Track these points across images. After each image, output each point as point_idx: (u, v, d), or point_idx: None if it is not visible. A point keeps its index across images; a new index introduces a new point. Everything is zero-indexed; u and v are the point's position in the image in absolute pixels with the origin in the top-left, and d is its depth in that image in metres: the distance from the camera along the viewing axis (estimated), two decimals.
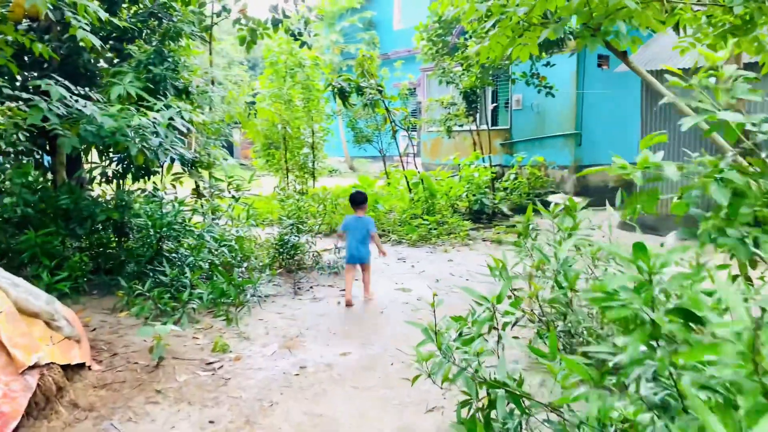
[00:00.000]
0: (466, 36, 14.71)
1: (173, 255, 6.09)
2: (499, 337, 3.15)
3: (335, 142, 21.68)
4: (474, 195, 11.76)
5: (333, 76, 11.07)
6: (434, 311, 2.79)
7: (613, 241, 4.62)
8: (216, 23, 9.57)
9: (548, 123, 14.78)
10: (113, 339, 4.98)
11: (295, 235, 7.63)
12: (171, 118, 6.20)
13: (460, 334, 3.23)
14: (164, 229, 5.98)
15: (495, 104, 15.71)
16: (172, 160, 7.27)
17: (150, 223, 5.90)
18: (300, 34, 9.42)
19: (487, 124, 14.50)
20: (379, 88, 11.01)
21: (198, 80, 8.48)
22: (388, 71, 17.49)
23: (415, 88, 22.44)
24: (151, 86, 6.95)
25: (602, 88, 14.45)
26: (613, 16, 5.20)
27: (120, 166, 7.07)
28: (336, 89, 10.82)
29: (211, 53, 9.07)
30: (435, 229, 10.24)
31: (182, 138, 6.36)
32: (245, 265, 6.62)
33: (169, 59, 7.10)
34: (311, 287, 6.94)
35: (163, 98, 6.49)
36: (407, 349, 4.79)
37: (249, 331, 5.28)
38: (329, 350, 4.86)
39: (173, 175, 7.30)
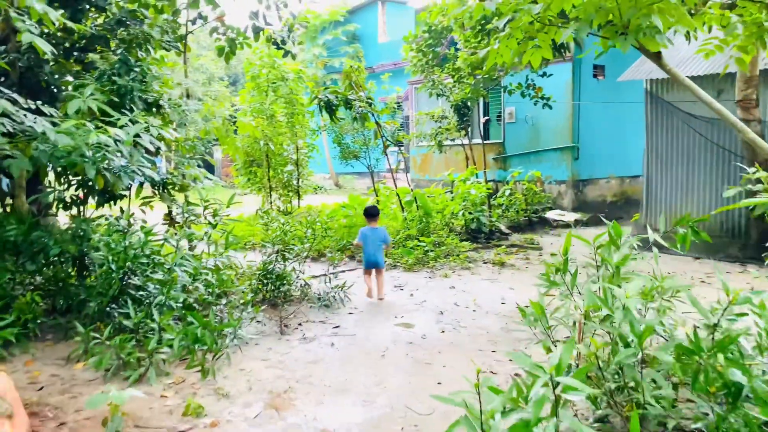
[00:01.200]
0: (457, 47, 14.09)
1: (140, 293, 5.25)
2: (556, 413, 2.39)
3: (320, 159, 20.91)
4: (470, 213, 11.04)
5: (318, 89, 10.33)
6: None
7: (661, 275, 3.88)
8: (191, 32, 8.80)
9: (543, 136, 14.15)
10: (64, 401, 4.12)
11: (281, 264, 6.83)
12: (137, 135, 5.41)
13: (504, 411, 2.47)
14: (129, 263, 5.16)
15: (487, 117, 15.07)
16: (142, 183, 6.45)
17: (111, 257, 5.07)
18: (284, 42, 8.67)
19: (482, 137, 13.83)
20: (369, 100, 10.28)
21: (173, 93, 7.70)
22: (375, 84, 16.81)
23: (401, 102, 21.80)
24: (116, 100, 6.16)
25: (598, 100, 13.87)
26: (646, 11, 4.51)
27: (81, 190, 6.23)
28: (322, 102, 10.07)
29: (186, 63, 8.29)
30: (432, 251, 9.49)
31: (150, 157, 5.57)
32: (224, 301, 5.80)
33: (136, 69, 6.31)
34: (300, 324, 6.12)
35: (129, 113, 5.69)
36: (418, 406, 4.01)
37: (228, 385, 4.45)
38: (325, 410, 4.05)
39: (143, 199, 6.47)
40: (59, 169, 6.06)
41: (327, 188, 23.85)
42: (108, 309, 5.30)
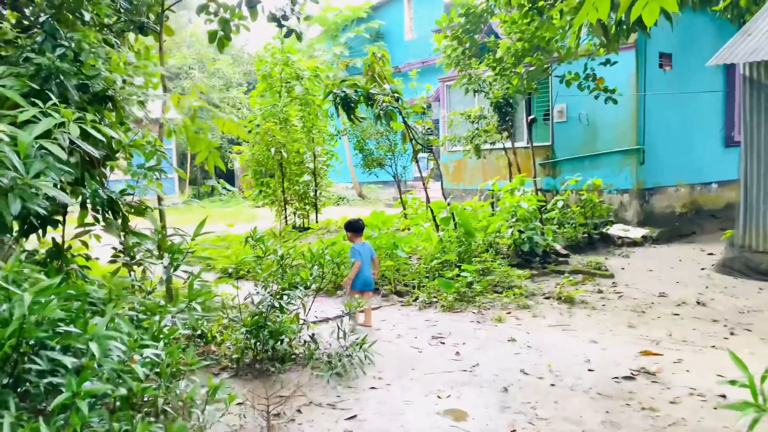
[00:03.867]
0: (497, 36, 12.11)
1: (43, 383, 3.35)
2: None
3: (342, 167, 19.03)
4: (521, 231, 8.99)
5: (334, 82, 8.42)
6: None
7: None
8: (169, 8, 6.97)
9: (601, 137, 12.04)
10: None
11: (277, 313, 4.91)
12: (48, 135, 3.54)
13: None
14: (25, 338, 3.26)
15: (532, 116, 13.00)
16: (83, 204, 4.58)
17: None
18: (285, 18, 6.79)
19: (530, 139, 11.75)
20: (396, 95, 8.34)
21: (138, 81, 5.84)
22: (402, 82, 14.87)
23: (430, 104, 19.85)
24: (39, 87, 4.31)
25: (666, 93, 11.72)
26: None
27: None
28: (338, 98, 8.15)
29: (161, 47, 6.45)
30: (477, 281, 7.47)
31: (68, 167, 3.69)
32: (182, 386, 3.87)
33: (67, 44, 4.46)
34: (299, 411, 4.17)
35: (65, 105, 3.85)
36: None
37: None
38: None
39: (83, 227, 4.60)
40: None
41: (350, 199, 22.00)
42: None
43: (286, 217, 14.02)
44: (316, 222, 14.29)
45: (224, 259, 9.58)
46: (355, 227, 6.54)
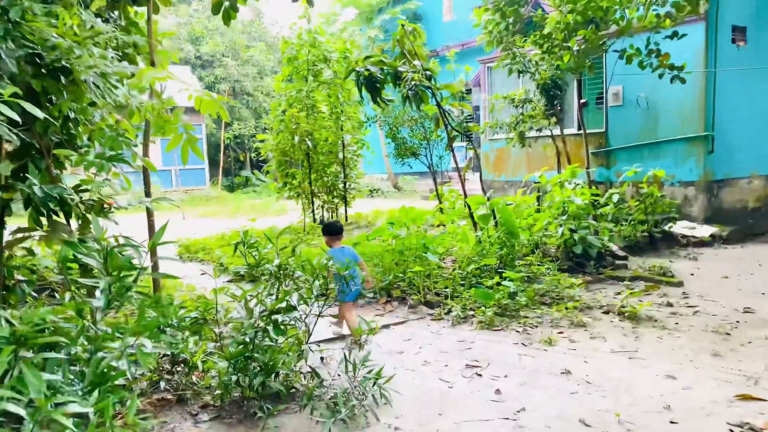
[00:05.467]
0: (545, 10, 10.85)
1: None
2: None
3: (376, 157, 17.98)
4: (572, 230, 7.79)
5: (358, 60, 7.35)
6: None
7: None
8: None
9: (663, 122, 10.67)
10: None
11: (270, 337, 3.91)
12: None
13: None
14: None
15: (584, 100, 11.68)
16: (27, 203, 3.65)
17: None
18: None
19: (582, 126, 10.46)
20: (428, 72, 7.22)
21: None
22: (438, 64, 13.68)
23: (470, 89, 18.62)
24: None
25: (738, 72, 10.27)
26: None
27: None
28: (361, 78, 7.09)
29: (149, 20, 5.49)
30: (521, 290, 6.34)
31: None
32: None
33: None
34: None
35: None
36: None
37: None
38: None
39: (22, 233, 3.66)
40: None
41: (384, 191, 20.96)
42: None
43: (313, 211, 13.07)
44: (345, 217, 13.29)
45: (239, 259, 8.66)
46: (330, 230, 5.82)
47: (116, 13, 6.47)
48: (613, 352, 4.95)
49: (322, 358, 4.91)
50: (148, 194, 5.22)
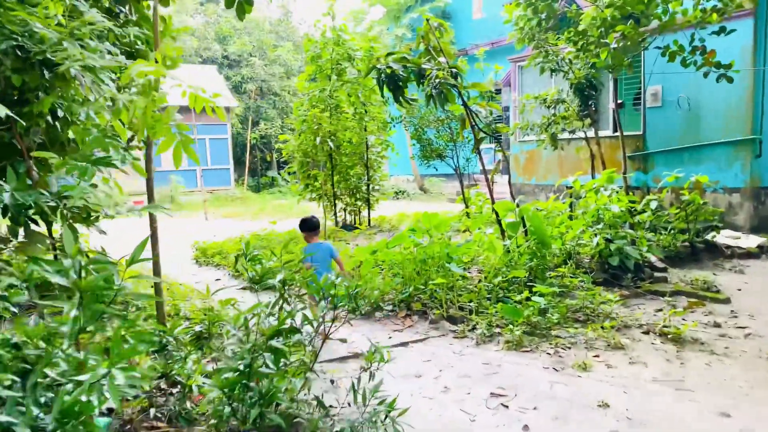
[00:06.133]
0: (579, 6, 10.29)
1: None
2: None
3: (402, 159, 17.55)
4: (609, 240, 7.25)
5: (379, 56, 6.91)
6: None
7: None
8: None
9: (706, 125, 10.02)
10: None
11: (270, 362, 3.50)
12: None
13: None
14: None
15: (620, 101, 11.07)
16: (5, 210, 3.30)
17: None
18: None
19: (619, 127, 9.85)
20: (454, 70, 6.75)
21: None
22: (467, 63, 13.16)
23: (500, 89, 18.08)
24: None
25: None
26: None
27: None
28: (383, 76, 6.65)
29: (155, 14, 5.14)
30: (553, 306, 5.84)
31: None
32: None
33: None
34: None
35: None
36: None
37: None
38: None
39: None
40: None
41: (410, 193, 20.50)
42: None
43: (335, 214, 12.69)
44: (368, 220, 12.88)
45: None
46: (307, 226, 5.81)
47: (127, 7, 6.18)
48: (655, 381, 4.43)
49: (332, 381, 4.49)
50: (150, 200, 4.86)
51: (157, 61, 5.23)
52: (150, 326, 5.16)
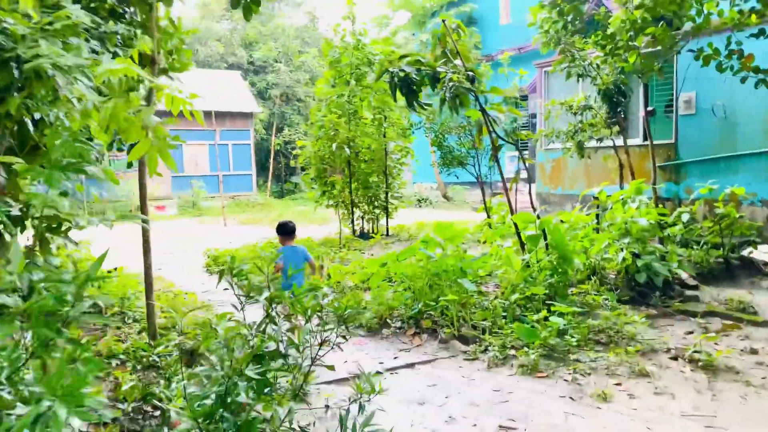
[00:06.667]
0: (608, 9, 9.84)
1: None
2: None
3: (420, 166, 17.18)
4: (636, 255, 6.79)
5: (391, 59, 6.58)
6: None
7: None
8: None
9: (743, 133, 9.46)
10: None
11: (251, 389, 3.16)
12: None
13: None
14: None
15: (651, 108, 10.56)
16: None
17: None
18: None
19: (648, 136, 9.35)
20: (471, 73, 6.39)
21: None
22: (491, 69, 12.77)
23: (526, 96, 17.62)
24: None
25: None
26: None
27: None
28: (396, 79, 6.32)
29: (152, 16, 4.87)
30: (573, 327, 5.42)
31: None
32: None
33: None
34: None
35: None
36: None
37: None
38: None
39: None
40: None
41: (432, 201, 20.12)
42: None
43: (353, 222, 12.39)
44: (387, 229, 12.54)
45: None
46: (284, 230, 6.13)
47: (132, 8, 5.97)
48: (684, 416, 3.99)
49: (327, 406, 4.14)
50: (143, 208, 4.59)
51: (154, 62, 4.99)
52: (140, 341, 4.89)
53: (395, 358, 5.20)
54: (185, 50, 6.75)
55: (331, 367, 3.44)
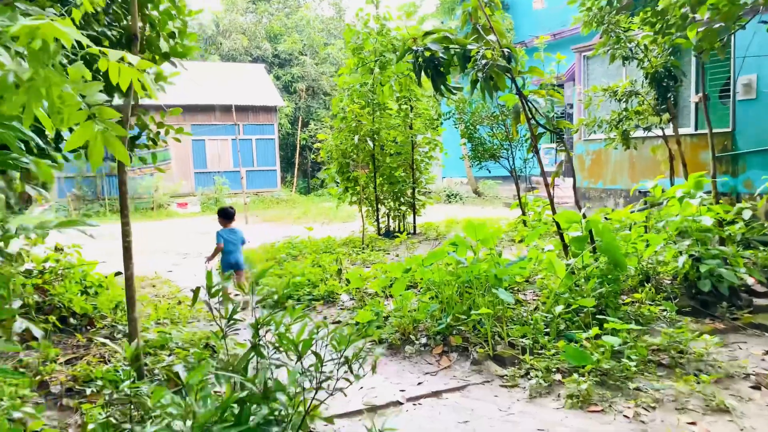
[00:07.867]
0: None
1: None
2: None
3: (454, 160, 16.33)
4: (697, 259, 5.89)
5: (415, 37, 5.79)
6: None
7: None
8: None
9: None
10: None
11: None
12: None
13: None
14: None
15: (704, 93, 9.56)
16: None
17: None
18: None
19: (708, 124, 8.37)
20: (507, 50, 5.56)
21: None
22: (525, 55, 11.83)
23: (562, 83, 16.65)
24: None
25: None
26: None
27: None
28: (420, 59, 5.53)
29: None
30: (630, 347, 4.57)
31: None
32: None
33: None
34: None
35: None
36: None
37: None
38: None
39: None
40: None
41: (462, 196, 19.24)
42: None
43: (377, 220, 11.64)
44: (414, 227, 11.76)
45: (274, 278, 7.34)
46: (225, 214, 7.09)
47: None
48: None
49: None
50: (124, 209, 3.90)
51: (143, 47, 4.29)
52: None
53: (419, 384, 4.42)
54: (189, 33, 6.09)
55: (330, 420, 2.69)
